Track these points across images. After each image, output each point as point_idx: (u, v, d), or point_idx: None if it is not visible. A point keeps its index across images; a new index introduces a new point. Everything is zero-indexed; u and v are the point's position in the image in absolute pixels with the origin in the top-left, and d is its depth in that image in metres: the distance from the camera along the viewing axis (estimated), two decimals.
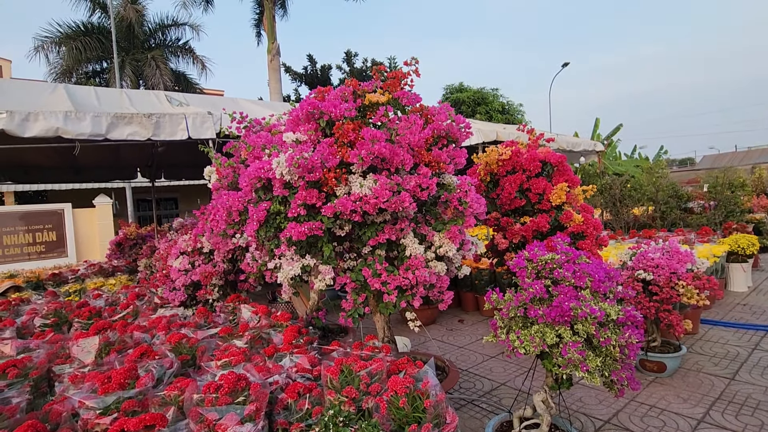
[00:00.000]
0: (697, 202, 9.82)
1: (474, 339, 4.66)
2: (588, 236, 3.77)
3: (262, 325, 3.05)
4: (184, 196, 15.89)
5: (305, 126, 2.45)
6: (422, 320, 5.39)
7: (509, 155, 3.91)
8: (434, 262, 2.52)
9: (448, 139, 2.67)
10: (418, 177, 2.32)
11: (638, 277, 3.30)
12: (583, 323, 2.07)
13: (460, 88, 22.44)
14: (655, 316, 3.22)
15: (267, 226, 2.34)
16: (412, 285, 2.32)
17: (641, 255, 3.38)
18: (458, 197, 2.45)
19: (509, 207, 3.96)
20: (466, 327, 5.12)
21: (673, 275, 3.18)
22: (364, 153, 2.13)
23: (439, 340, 4.67)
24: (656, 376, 3.40)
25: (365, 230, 2.31)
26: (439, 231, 2.52)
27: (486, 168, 4.05)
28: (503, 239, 3.93)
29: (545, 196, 3.84)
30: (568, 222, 3.80)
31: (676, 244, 3.34)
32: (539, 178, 3.90)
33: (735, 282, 5.88)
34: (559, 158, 3.88)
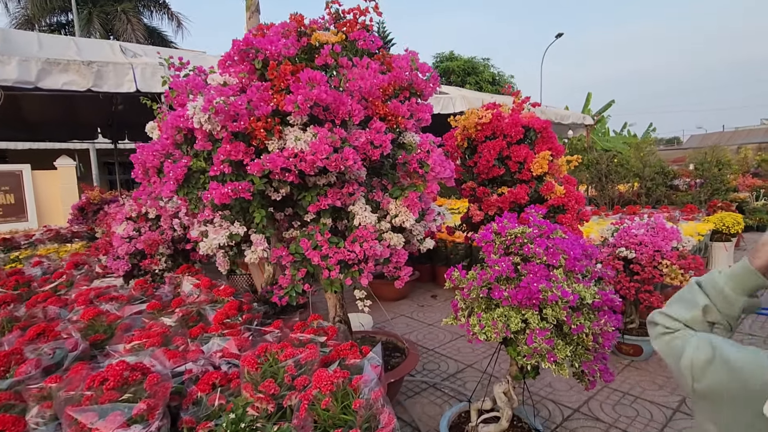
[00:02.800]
0: (682, 180, 9.64)
1: (445, 315, 4.41)
2: (569, 210, 3.47)
3: (201, 300, 2.72)
4: None
5: (237, 68, 2.04)
6: (393, 296, 5.14)
7: (489, 119, 3.53)
8: (389, 234, 2.19)
9: (411, 91, 2.28)
10: (370, 132, 1.95)
11: (619, 255, 3.03)
12: (552, 308, 1.77)
13: (450, 57, 21.66)
14: (635, 297, 2.97)
15: (188, 187, 1.96)
16: (359, 260, 1.98)
17: (624, 231, 3.10)
18: (418, 159, 2.09)
19: (487, 176, 3.62)
20: (439, 303, 4.87)
21: (657, 253, 2.91)
22: (300, 99, 1.74)
23: (408, 317, 4.42)
24: (632, 360, 3.20)
25: (306, 194, 1.94)
26: (396, 198, 2.17)
27: (463, 133, 3.68)
28: (478, 211, 3.61)
29: (526, 165, 3.51)
30: (549, 194, 3.48)
31: (662, 220, 3.06)
32: (521, 146, 3.55)
33: (717, 261, 5.73)
34: (543, 124, 3.52)
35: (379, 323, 4.26)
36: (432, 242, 2.50)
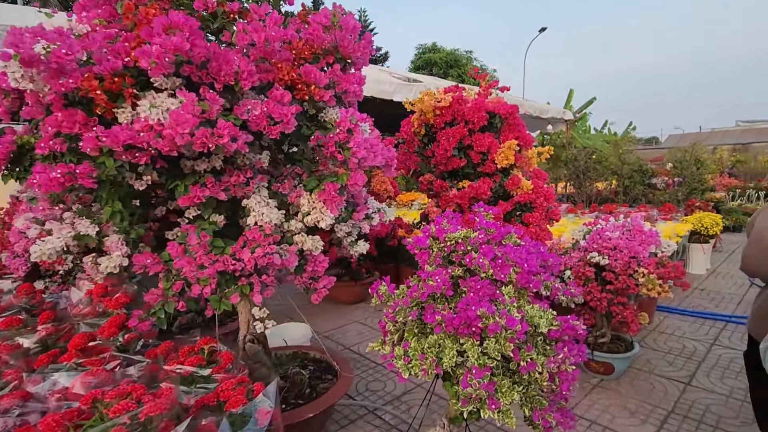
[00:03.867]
0: (660, 179, 9.44)
1: None
2: (537, 208, 3.07)
3: (85, 312, 2.21)
4: None
5: (93, 12, 1.53)
6: (349, 298, 4.69)
7: (449, 102, 3.09)
8: (302, 236, 1.72)
9: (337, 56, 1.81)
10: (267, 103, 1.47)
11: (591, 260, 2.64)
12: (497, 339, 1.34)
13: (433, 48, 21.21)
14: (606, 309, 2.59)
15: (20, 170, 1.45)
16: (251, 271, 1.51)
17: (597, 233, 2.71)
18: (336, 140, 1.62)
19: (445, 168, 3.18)
20: None
21: (633, 260, 2.53)
22: (156, 50, 1.25)
23: (362, 323, 3.98)
24: (602, 379, 2.83)
25: (178, 183, 1.46)
26: (310, 190, 1.70)
27: (420, 118, 3.23)
28: (435, 208, 3.18)
29: (490, 156, 3.08)
30: (515, 189, 3.07)
31: (639, 222, 2.68)
32: (484, 134, 3.12)
33: (694, 264, 5.46)
34: (509, 109, 3.09)
35: (327, 332, 3.81)
36: (365, 246, 2.04)
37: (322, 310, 4.38)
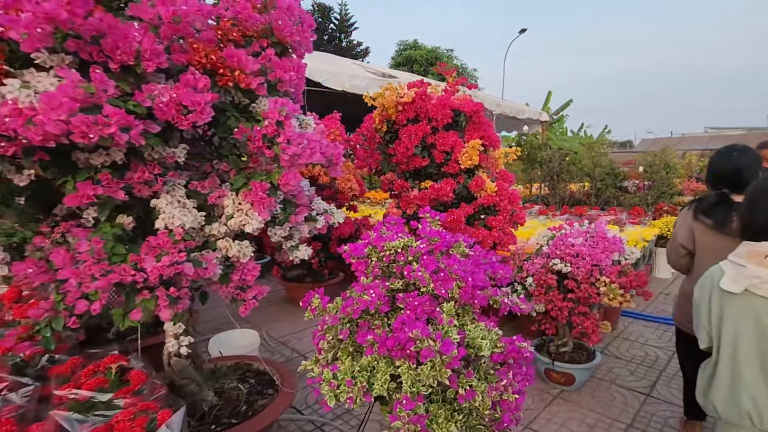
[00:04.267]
0: (632, 182, 9.56)
1: None
2: (501, 211, 2.94)
3: None
4: None
5: None
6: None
7: (412, 98, 2.92)
8: (226, 242, 1.53)
9: (272, 39, 1.62)
10: (178, 87, 1.27)
11: (553, 267, 2.53)
12: (433, 365, 1.18)
13: (414, 45, 21.06)
14: (567, 319, 2.48)
15: None
16: (155, 284, 1.31)
17: (560, 240, 2.60)
18: (264, 133, 1.43)
19: (407, 167, 3.02)
20: None
21: (595, 268, 2.42)
22: (27, 19, 1.03)
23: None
24: (562, 390, 2.73)
25: (67, 179, 1.24)
26: (237, 190, 1.51)
27: (382, 114, 3.05)
28: (395, 209, 3.01)
29: (453, 156, 2.93)
30: (479, 191, 2.93)
31: (603, 228, 2.58)
32: (449, 132, 2.97)
33: (660, 268, 5.48)
34: (474, 107, 2.95)
35: (283, 336, 3.61)
36: (308, 250, 1.86)
37: (282, 312, 4.18)
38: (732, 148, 1.87)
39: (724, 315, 1.28)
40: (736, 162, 1.79)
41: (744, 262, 1.24)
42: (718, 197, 1.84)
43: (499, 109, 9.26)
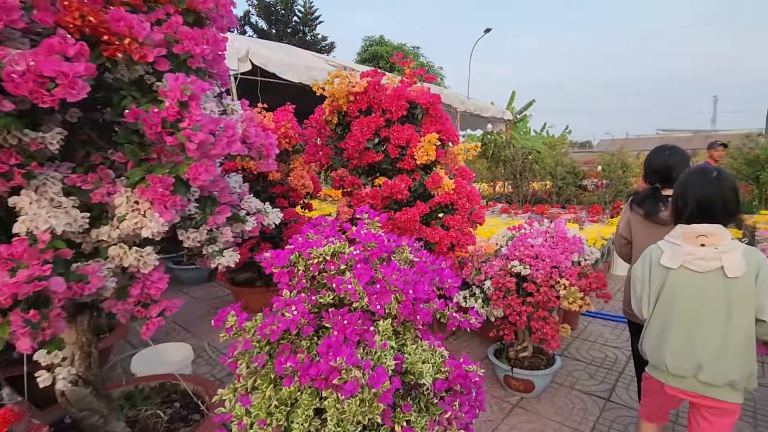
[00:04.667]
0: (591, 181, 9.78)
1: None
2: (459, 210, 2.78)
3: None
4: None
5: None
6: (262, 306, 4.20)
7: (364, 88, 2.70)
8: (120, 249, 1.25)
9: (182, 7, 1.35)
10: (37, 53, 0.99)
11: (512, 270, 2.38)
12: (362, 400, 0.97)
13: (380, 41, 20.86)
14: (527, 324, 2.35)
15: None
16: (9, 305, 1.02)
17: (519, 240, 2.46)
18: (164, 117, 1.17)
19: (360, 162, 2.80)
20: None
21: (555, 270, 2.30)
22: None
23: None
24: (522, 398, 2.60)
25: None
26: (132, 186, 1.23)
27: (332, 104, 2.81)
28: (347, 208, 2.79)
29: (409, 151, 2.74)
30: (435, 189, 2.75)
31: (563, 228, 2.46)
32: (404, 125, 2.77)
33: (617, 265, 5.54)
34: (430, 98, 2.77)
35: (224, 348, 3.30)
36: (234, 256, 1.61)
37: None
38: (664, 147, 2.07)
39: (662, 286, 1.48)
40: (667, 160, 1.99)
41: (679, 242, 1.44)
42: (650, 191, 2.03)
43: (463, 107, 9.19)
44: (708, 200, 1.41)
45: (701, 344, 1.39)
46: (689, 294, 1.41)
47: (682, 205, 1.48)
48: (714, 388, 1.40)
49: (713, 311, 1.38)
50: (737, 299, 1.35)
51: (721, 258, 1.35)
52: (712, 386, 1.40)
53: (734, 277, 1.33)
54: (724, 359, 1.37)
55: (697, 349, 1.40)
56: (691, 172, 1.52)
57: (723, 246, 1.36)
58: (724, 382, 1.38)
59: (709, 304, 1.38)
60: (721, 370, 1.37)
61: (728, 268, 1.34)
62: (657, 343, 1.51)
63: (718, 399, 1.40)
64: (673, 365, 1.44)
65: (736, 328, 1.36)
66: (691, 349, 1.41)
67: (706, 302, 1.38)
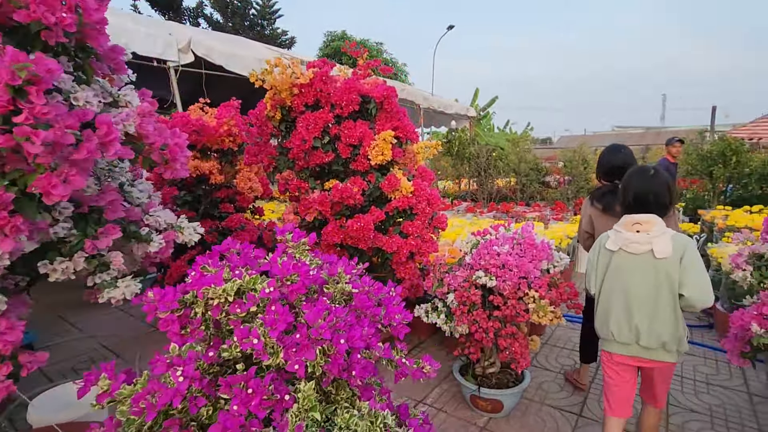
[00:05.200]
0: (553, 177, 9.86)
1: None
2: (419, 215, 2.52)
3: None
4: None
5: None
6: None
7: (309, 79, 2.39)
8: None
9: None
10: None
11: (477, 281, 2.15)
12: None
13: (342, 36, 20.40)
14: (493, 341, 2.12)
15: None
16: None
17: (484, 247, 2.23)
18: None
19: (306, 163, 2.49)
20: None
21: (523, 281, 2.08)
22: None
23: None
24: (490, 418, 2.39)
25: None
26: None
27: (275, 98, 2.49)
28: (293, 215, 2.47)
29: (362, 150, 2.45)
30: (393, 192, 2.48)
31: (531, 233, 2.25)
32: (357, 122, 2.48)
33: (582, 263, 5.50)
34: (384, 92, 2.49)
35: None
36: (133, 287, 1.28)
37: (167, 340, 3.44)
38: (619, 146, 2.36)
39: (607, 267, 1.71)
40: (625, 158, 2.26)
41: (621, 229, 1.67)
42: (611, 187, 2.22)
43: (426, 103, 9.00)
44: (644, 194, 1.65)
45: (638, 315, 1.62)
46: (627, 272, 1.64)
47: (623, 199, 1.72)
48: (651, 350, 1.64)
49: (646, 286, 1.61)
50: (664, 277, 1.59)
51: (651, 242, 1.59)
52: (649, 349, 1.64)
53: (662, 258, 1.57)
54: (656, 326, 1.61)
55: (634, 319, 1.62)
56: (633, 171, 1.75)
57: (654, 232, 1.60)
58: (658, 344, 1.62)
59: (643, 280, 1.61)
60: (654, 334, 1.61)
61: (657, 251, 1.58)
62: (604, 317, 1.72)
63: (656, 360, 1.65)
64: (618, 334, 1.67)
65: (665, 300, 1.60)
66: (629, 319, 1.64)
67: (640, 279, 1.62)
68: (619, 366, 1.74)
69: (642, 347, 1.64)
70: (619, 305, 1.66)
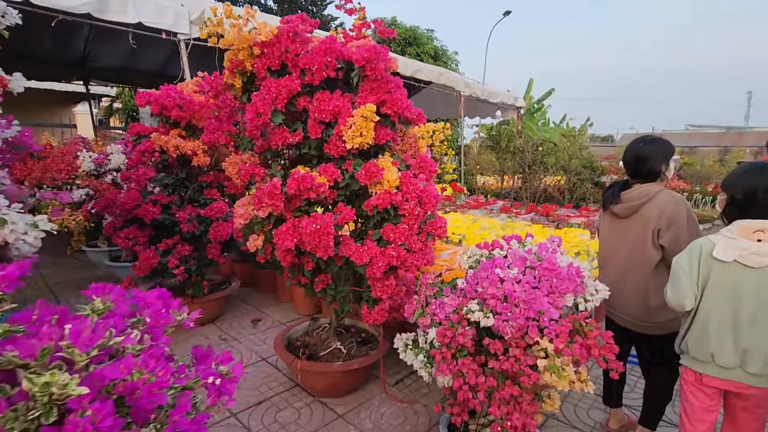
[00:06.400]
0: (610, 177, 8.73)
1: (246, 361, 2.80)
2: (407, 217, 1.93)
3: None
4: None
5: None
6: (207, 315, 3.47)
7: (272, 36, 1.86)
8: None
9: None
10: None
11: (468, 316, 1.54)
12: None
13: (392, 23, 19.76)
14: (485, 407, 1.51)
15: None
16: None
17: (485, 268, 1.60)
18: None
19: (267, 144, 1.97)
20: (251, 334, 3.26)
21: (533, 324, 1.44)
22: None
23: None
24: None
25: None
26: None
27: (233, 61, 1.98)
28: (243, 209, 1.97)
29: (336, 130, 1.90)
30: (373, 185, 1.91)
31: (552, 253, 1.59)
32: (335, 93, 1.93)
33: None
34: (366, 53, 1.89)
35: None
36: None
37: None
38: (643, 138, 1.94)
39: (709, 279, 1.46)
40: (639, 150, 1.88)
41: (735, 236, 1.43)
42: (621, 182, 1.97)
43: (468, 90, 8.22)
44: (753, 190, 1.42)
45: (750, 337, 1.41)
46: (741, 288, 1.42)
47: (729, 199, 1.49)
48: (760, 377, 1.43)
49: (762, 305, 1.39)
50: None
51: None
52: (758, 376, 1.42)
53: None
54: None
55: (743, 342, 1.42)
56: (750, 168, 1.51)
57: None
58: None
59: (759, 298, 1.39)
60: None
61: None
62: (702, 335, 1.50)
63: (763, 387, 1.44)
64: (719, 356, 1.46)
65: None
66: (736, 341, 1.43)
67: (755, 296, 1.40)
68: (709, 390, 1.54)
69: (749, 374, 1.43)
70: (724, 324, 1.45)
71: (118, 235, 2.96)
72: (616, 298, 1.90)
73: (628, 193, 1.87)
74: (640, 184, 1.87)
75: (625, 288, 1.90)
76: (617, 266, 1.93)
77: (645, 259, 1.82)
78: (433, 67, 7.74)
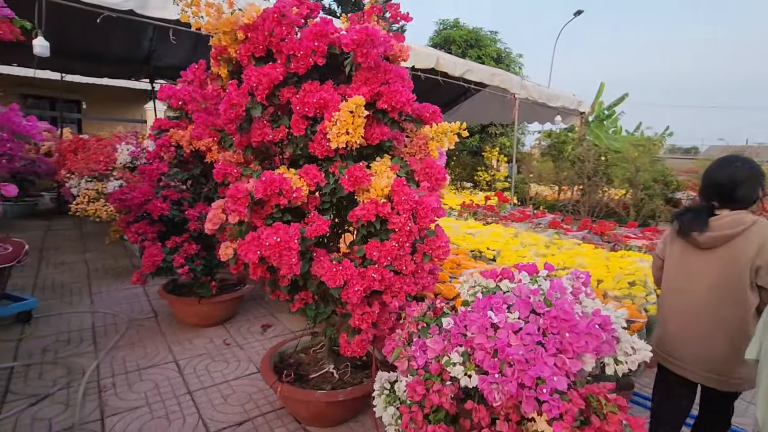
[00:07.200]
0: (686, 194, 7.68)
1: (241, 371, 2.63)
2: (397, 233, 1.62)
3: None
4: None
5: None
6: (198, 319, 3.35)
7: (254, 19, 1.64)
8: None
9: None
10: None
11: (447, 368, 1.19)
12: None
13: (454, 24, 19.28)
14: None
15: None
16: None
17: (477, 308, 1.25)
18: None
19: (245, 141, 1.75)
20: (257, 341, 3.09)
21: (529, 393, 1.07)
22: None
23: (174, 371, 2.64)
24: None
25: None
26: None
27: (219, 47, 1.79)
28: (216, 212, 1.76)
29: (321, 126, 1.63)
30: (360, 193, 1.62)
31: (565, 300, 1.20)
32: (324, 84, 1.67)
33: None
34: (357, 36, 1.60)
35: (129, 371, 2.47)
36: None
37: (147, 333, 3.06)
38: (734, 158, 1.65)
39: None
40: (735, 174, 1.59)
41: None
42: (703, 207, 1.66)
43: (525, 93, 7.61)
44: None
45: None
46: None
47: None
48: None
49: None
50: None
51: None
52: None
53: None
54: None
55: None
56: None
57: None
58: None
59: None
60: None
61: None
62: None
63: None
64: None
65: None
66: None
67: None
68: None
69: None
70: None
71: (129, 229, 2.92)
72: (683, 345, 1.64)
73: (717, 220, 1.58)
74: (730, 211, 1.58)
75: (701, 333, 1.60)
76: (689, 307, 1.64)
77: (740, 302, 1.53)
78: (484, 67, 7.27)
